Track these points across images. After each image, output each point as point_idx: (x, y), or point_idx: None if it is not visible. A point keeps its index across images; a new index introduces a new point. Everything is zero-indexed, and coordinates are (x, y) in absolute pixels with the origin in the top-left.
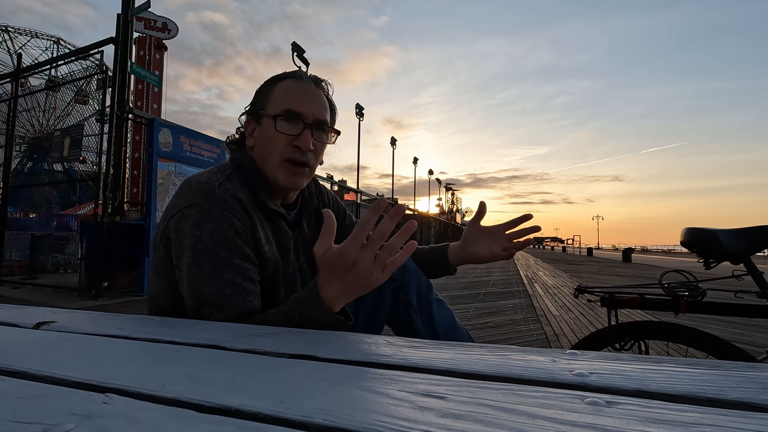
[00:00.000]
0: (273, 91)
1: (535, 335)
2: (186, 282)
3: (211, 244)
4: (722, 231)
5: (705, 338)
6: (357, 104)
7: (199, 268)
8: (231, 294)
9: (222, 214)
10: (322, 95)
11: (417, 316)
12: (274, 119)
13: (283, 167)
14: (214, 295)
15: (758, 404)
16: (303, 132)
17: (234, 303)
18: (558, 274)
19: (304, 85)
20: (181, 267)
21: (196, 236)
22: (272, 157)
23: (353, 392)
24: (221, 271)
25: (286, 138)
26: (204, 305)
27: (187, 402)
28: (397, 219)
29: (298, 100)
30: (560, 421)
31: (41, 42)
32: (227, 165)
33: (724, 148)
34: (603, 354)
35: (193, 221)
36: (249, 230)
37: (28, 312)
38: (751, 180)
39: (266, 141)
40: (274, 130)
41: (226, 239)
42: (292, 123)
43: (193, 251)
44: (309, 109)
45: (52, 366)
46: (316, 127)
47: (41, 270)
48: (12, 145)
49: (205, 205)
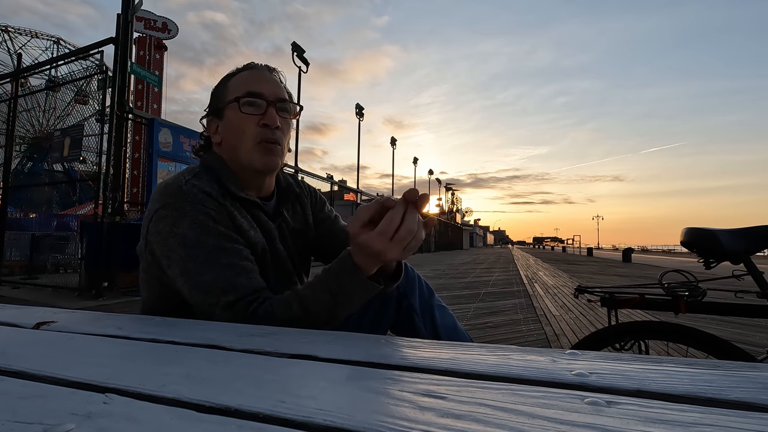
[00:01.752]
0: (228, 85)
1: (535, 335)
2: (184, 280)
3: (195, 237)
4: (722, 231)
5: (705, 338)
6: (357, 104)
7: (193, 260)
8: (232, 275)
9: (195, 208)
10: (277, 79)
11: (419, 321)
12: (237, 102)
13: (256, 149)
14: (216, 281)
15: (758, 404)
16: (268, 109)
17: (239, 283)
18: (558, 274)
19: (259, 71)
20: (173, 266)
21: (178, 234)
22: (244, 142)
23: (353, 392)
24: (215, 258)
25: (253, 119)
26: (209, 295)
27: (187, 402)
28: (423, 208)
29: (257, 82)
30: (560, 421)
31: (41, 42)
32: (195, 166)
33: (724, 148)
34: (603, 354)
35: (170, 221)
36: (227, 218)
37: (28, 312)
38: (751, 180)
39: (233, 129)
40: (239, 114)
41: (208, 228)
42: (254, 105)
43: (181, 248)
44: (268, 89)
45: (52, 366)
46: (278, 104)
47: (41, 270)
48: (12, 145)
49: (177, 203)
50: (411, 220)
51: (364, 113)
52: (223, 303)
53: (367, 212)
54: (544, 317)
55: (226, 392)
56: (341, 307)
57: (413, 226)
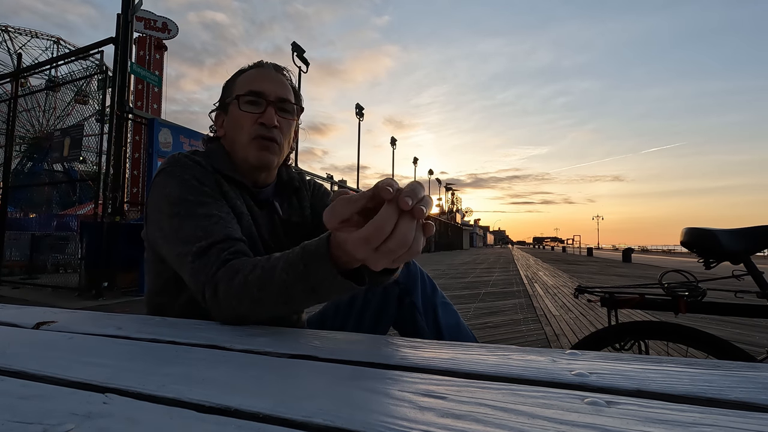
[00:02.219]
0: (236, 81)
1: (535, 335)
2: (166, 241)
3: (178, 194)
4: (722, 231)
5: (705, 338)
6: (357, 104)
7: (177, 217)
8: (209, 224)
9: (183, 170)
10: (283, 79)
11: (422, 319)
12: (238, 100)
13: (251, 145)
14: (194, 231)
15: (758, 404)
16: (266, 109)
17: (214, 230)
18: (558, 274)
19: (264, 70)
20: (158, 231)
21: (165, 193)
22: (241, 138)
23: (353, 392)
24: (193, 211)
25: (251, 116)
26: (185, 246)
27: (187, 402)
28: (422, 218)
29: (260, 81)
30: (560, 421)
31: (41, 42)
32: (196, 150)
33: (723, 148)
34: (603, 354)
35: (161, 184)
36: (215, 184)
37: (28, 312)
38: (751, 180)
39: (233, 124)
40: (239, 111)
41: (192, 186)
42: (255, 103)
43: (167, 206)
44: (270, 89)
45: (52, 366)
46: (278, 104)
47: (41, 270)
48: (12, 145)
49: (168, 168)
50: (406, 227)
51: (364, 113)
52: (196, 249)
53: (348, 208)
54: (544, 317)
55: (226, 392)
56: (303, 297)
57: (408, 237)
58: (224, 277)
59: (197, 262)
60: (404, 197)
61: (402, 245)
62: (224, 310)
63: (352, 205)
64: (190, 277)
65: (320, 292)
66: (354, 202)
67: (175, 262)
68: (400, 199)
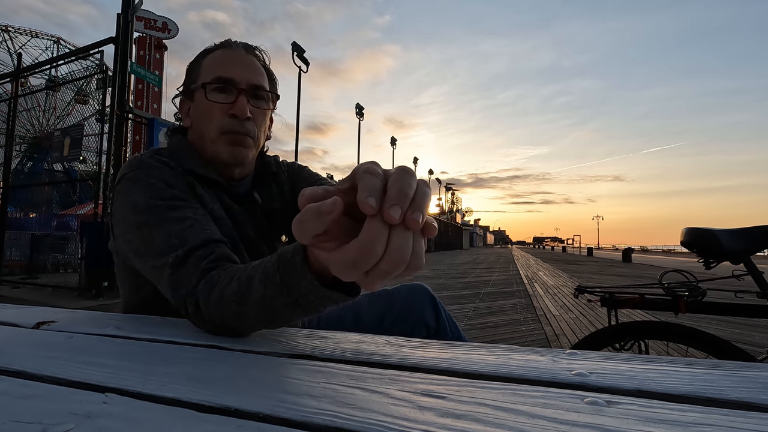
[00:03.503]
0: (202, 63)
1: (535, 335)
2: (137, 254)
3: (145, 201)
4: (722, 231)
5: (705, 338)
6: (357, 104)
7: (142, 227)
8: (183, 229)
9: (147, 173)
10: (256, 61)
11: (443, 310)
12: (204, 88)
13: (221, 140)
14: (167, 239)
15: (758, 404)
16: (237, 98)
17: (190, 234)
18: (558, 274)
19: (234, 52)
20: (126, 244)
21: (130, 202)
22: (209, 132)
23: (353, 392)
24: (164, 216)
25: (220, 107)
26: (159, 257)
27: (187, 402)
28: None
29: (229, 66)
30: (560, 420)
31: (41, 42)
32: (159, 148)
33: (724, 148)
34: (603, 354)
35: (124, 192)
36: (185, 185)
37: (28, 312)
38: (752, 180)
39: (201, 116)
40: (206, 101)
41: (160, 190)
42: (224, 91)
43: (130, 216)
44: (241, 74)
45: (52, 366)
46: (251, 92)
47: (41, 270)
48: (12, 145)
49: (131, 173)
50: (400, 242)
51: (365, 113)
52: (172, 260)
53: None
54: (544, 317)
55: (226, 392)
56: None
57: (404, 254)
58: (203, 291)
59: (175, 274)
60: (389, 210)
61: (398, 265)
62: (209, 326)
63: (322, 219)
64: (169, 291)
65: (306, 306)
66: (325, 213)
67: (151, 275)
68: (385, 214)
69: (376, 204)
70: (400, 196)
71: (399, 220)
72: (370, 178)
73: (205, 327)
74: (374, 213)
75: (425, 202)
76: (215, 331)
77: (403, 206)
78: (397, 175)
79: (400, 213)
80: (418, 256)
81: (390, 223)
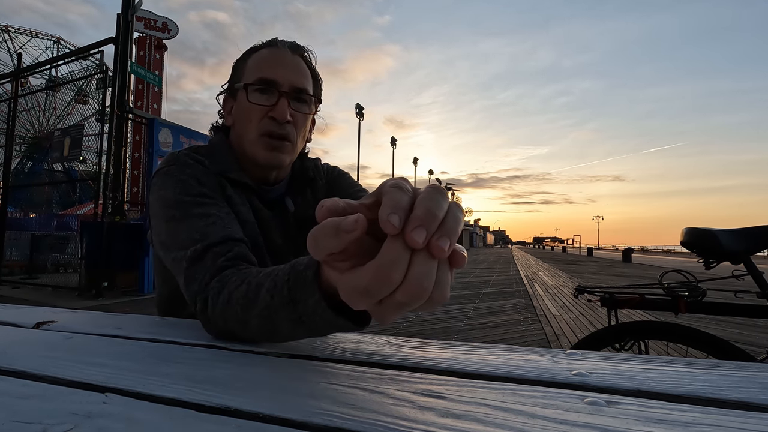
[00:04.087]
0: (248, 62)
1: (535, 335)
2: (163, 246)
3: (174, 196)
4: (722, 231)
5: (705, 338)
6: (357, 104)
7: (169, 221)
8: (205, 225)
9: (180, 170)
10: (301, 62)
11: None
12: (246, 90)
13: (260, 142)
14: (190, 234)
15: (758, 404)
16: (278, 101)
17: (211, 231)
18: (558, 274)
19: (279, 52)
20: (156, 236)
21: (161, 195)
22: (248, 133)
23: (353, 392)
24: (190, 212)
25: (261, 109)
26: (181, 250)
27: (187, 402)
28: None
29: (272, 67)
30: (560, 421)
31: (41, 42)
32: (198, 146)
33: (725, 148)
34: (603, 354)
35: (159, 185)
36: (216, 185)
37: (28, 312)
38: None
39: (241, 116)
40: (247, 102)
41: (190, 187)
42: (266, 93)
43: (160, 210)
44: (284, 76)
45: (52, 366)
46: (293, 95)
47: (41, 270)
48: (12, 145)
49: (165, 168)
50: (422, 271)
51: (365, 113)
52: (191, 253)
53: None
54: (544, 317)
55: (226, 392)
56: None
57: (425, 285)
58: (214, 289)
59: (191, 269)
60: (413, 232)
61: (416, 297)
62: (212, 327)
63: (341, 238)
64: (184, 285)
65: (310, 326)
66: (345, 232)
67: (173, 267)
68: (407, 236)
69: (399, 223)
70: (427, 217)
71: (423, 244)
72: (396, 193)
73: (208, 327)
74: (396, 233)
75: (456, 227)
76: (217, 334)
77: (429, 229)
78: (426, 193)
79: (425, 236)
80: (442, 288)
81: (412, 246)
